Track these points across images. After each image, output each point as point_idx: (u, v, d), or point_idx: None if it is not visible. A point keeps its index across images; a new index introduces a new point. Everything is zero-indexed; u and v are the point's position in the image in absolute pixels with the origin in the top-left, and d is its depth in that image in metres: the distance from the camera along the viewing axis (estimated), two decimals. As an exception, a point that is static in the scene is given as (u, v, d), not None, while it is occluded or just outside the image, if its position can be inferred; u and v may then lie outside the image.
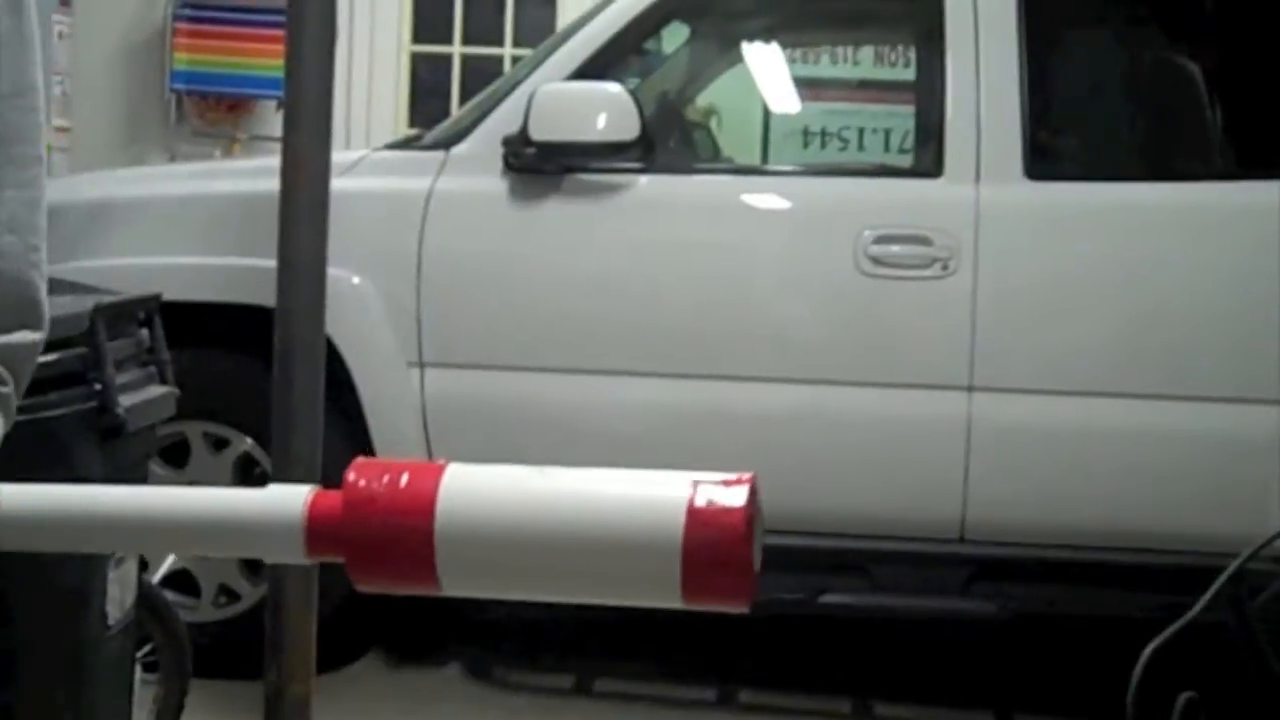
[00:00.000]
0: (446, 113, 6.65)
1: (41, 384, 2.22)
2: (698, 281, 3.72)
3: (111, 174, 4.81)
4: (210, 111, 7.71)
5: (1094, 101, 4.26)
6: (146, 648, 2.86)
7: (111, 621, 2.45)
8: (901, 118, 6.74)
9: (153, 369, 2.63)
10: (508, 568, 1.15)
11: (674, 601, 1.11)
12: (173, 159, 7.49)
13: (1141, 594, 3.58)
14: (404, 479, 1.15)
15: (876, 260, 3.62)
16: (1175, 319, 3.59)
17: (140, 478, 2.61)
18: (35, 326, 1.41)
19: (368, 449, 3.72)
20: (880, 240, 3.63)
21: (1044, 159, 3.75)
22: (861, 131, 7.39)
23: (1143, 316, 3.61)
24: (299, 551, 1.17)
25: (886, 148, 7.19)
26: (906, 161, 5.87)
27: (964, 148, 3.68)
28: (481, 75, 6.78)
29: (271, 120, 7.43)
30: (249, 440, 3.81)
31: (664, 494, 1.12)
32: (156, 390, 2.58)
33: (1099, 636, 4.09)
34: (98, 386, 2.33)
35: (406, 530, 1.13)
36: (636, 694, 3.97)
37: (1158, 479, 3.57)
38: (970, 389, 3.59)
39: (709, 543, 1.10)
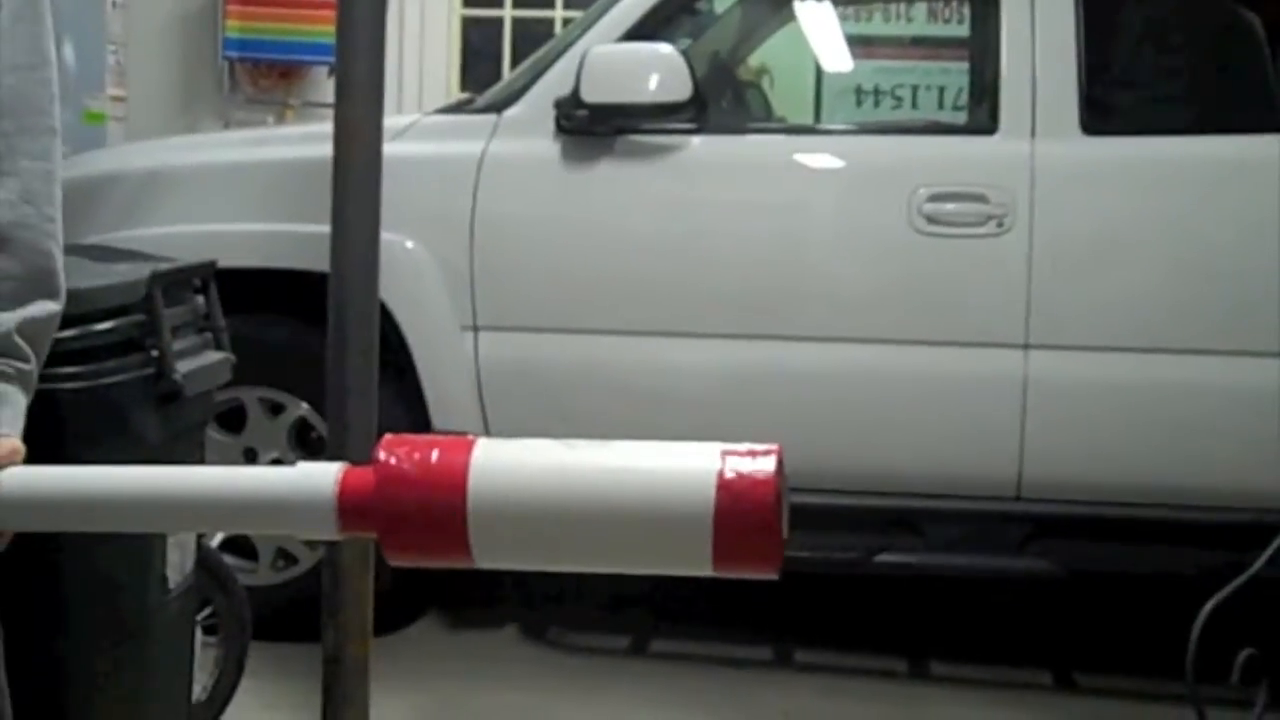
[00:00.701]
0: (498, 76, 6.66)
1: (100, 351, 2.25)
2: (751, 242, 3.70)
3: (166, 142, 4.84)
4: (263, 78, 7.74)
5: (1150, 55, 4.21)
6: (206, 611, 2.89)
7: (171, 585, 2.48)
8: (955, 74, 6.70)
9: (209, 335, 2.65)
10: (540, 540, 1.16)
11: (704, 570, 1.13)
12: (226, 126, 7.53)
13: (1200, 551, 3.56)
14: (434, 455, 1.16)
15: (931, 218, 3.60)
16: (1232, 273, 3.55)
17: (198, 443, 2.63)
18: (53, 297, 1.41)
19: (422, 413, 3.73)
20: (935, 198, 3.60)
21: (1100, 114, 3.70)
22: (915, 89, 7.34)
23: (1199, 271, 3.57)
24: (331, 528, 1.19)
25: (940, 105, 7.15)
26: (960, 118, 5.84)
27: (1019, 103, 3.64)
28: (532, 38, 6.78)
29: (323, 86, 7.46)
30: (304, 405, 3.84)
31: (694, 465, 1.13)
32: (213, 356, 2.60)
33: (1157, 594, 4.07)
34: (155, 353, 2.35)
35: (438, 505, 1.14)
36: (692, 654, 3.98)
37: (1215, 435, 3.54)
38: (1026, 346, 3.57)
39: (740, 512, 1.11)
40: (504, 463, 1.16)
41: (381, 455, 1.17)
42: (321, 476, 1.19)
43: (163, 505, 1.26)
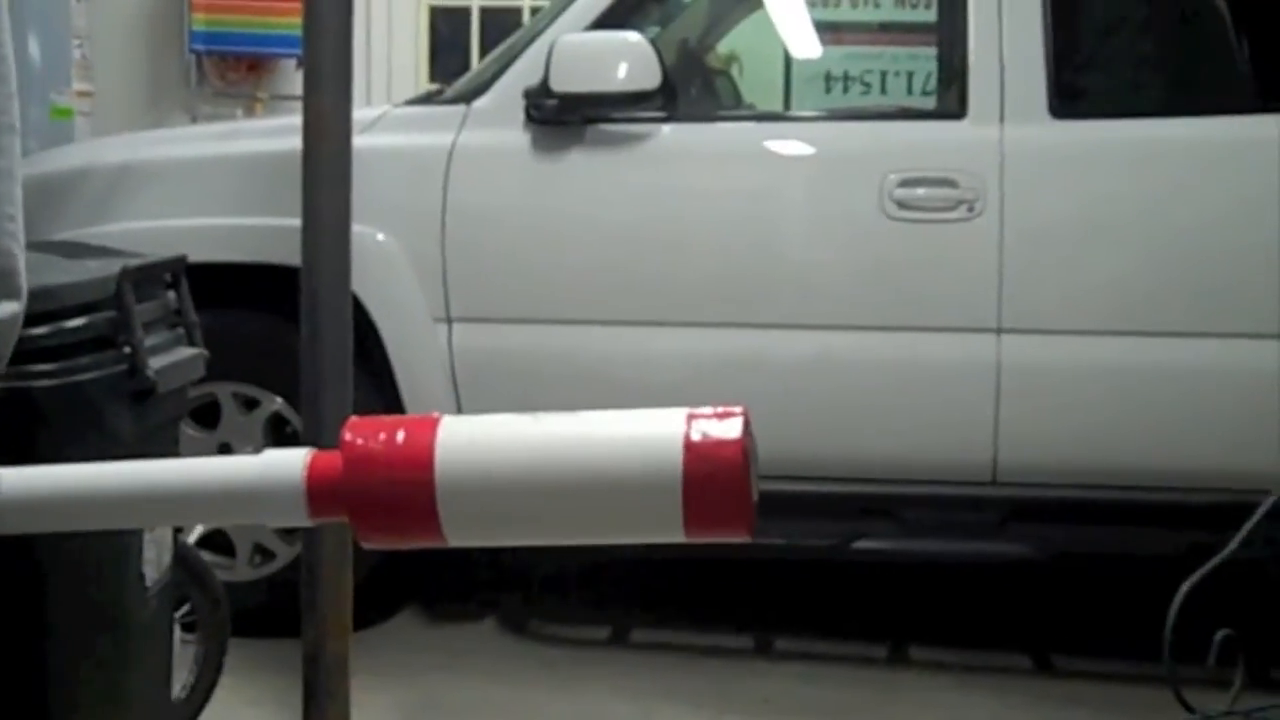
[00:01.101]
0: (466, 67, 6.64)
1: (72, 348, 2.23)
2: (723, 230, 3.71)
3: (134, 137, 4.81)
4: (230, 72, 7.71)
5: (1118, 38, 4.22)
6: (185, 608, 2.88)
7: (149, 582, 2.46)
8: (924, 60, 6.71)
9: (181, 331, 2.64)
10: (511, 515, 1.16)
11: (676, 535, 1.13)
12: (194, 120, 7.50)
13: (1175, 532, 3.58)
14: (400, 434, 1.16)
15: (901, 204, 3.60)
16: (1204, 255, 3.57)
17: (172, 439, 2.62)
18: (14, 297, 1.40)
19: (397, 405, 3.72)
20: (905, 184, 3.61)
21: (1068, 97, 3.71)
22: (884, 75, 7.34)
23: (1171, 254, 3.58)
24: (301, 513, 1.18)
25: (909, 90, 7.15)
26: (930, 104, 5.84)
27: (987, 88, 3.65)
28: (500, 28, 6.76)
29: (292, 79, 7.43)
30: (279, 400, 3.82)
31: (660, 430, 1.13)
32: (186, 352, 2.59)
33: (1134, 576, 4.09)
34: (127, 349, 2.34)
35: (407, 485, 1.14)
36: (672, 644, 3.99)
37: (1189, 417, 3.55)
38: (999, 331, 3.57)
39: (708, 475, 1.11)
40: (470, 438, 1.16)
41: (347, 437, 1.16)
42: (289, 462, 1.19)
43: (130, 500, 1.25)
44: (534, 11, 7.07)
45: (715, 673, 3.80)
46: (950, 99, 3.86)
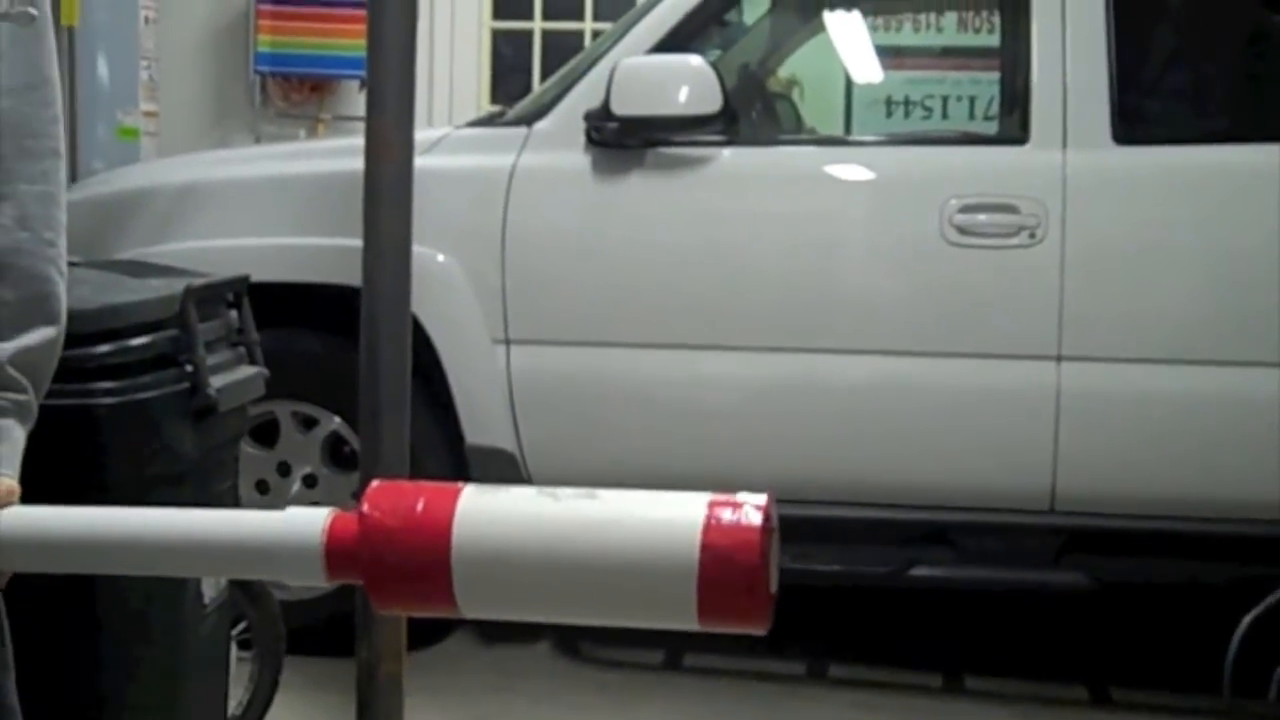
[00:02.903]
0: (528, 89, 6.67)
1: (135, 366, 2.26)
2: (782, 254, 3.70)
3: (198, 157, 4.86)
4: (294, 93, 7.77)
5: (1183, 63, 4.19)
6: (241, 626, 2.89)
7: (207, 600, 2.48)
8: (986, 85, 6.67)
9: (242, 350, 2.66)
10: (524, 591, 1.16)
11: (690, 624, 1.12)
12: (258, 141, 7.56)
13: (1237, 564, 3.54)
14: (420, 504, 1.16)
15: (962, 229, 3.59)
16: (1266, 284, 3.52)
17: (232, 457, 2.64)
18: (52, 322, 1.41)
19: (455, 427, 3.74)
20: (966, 209, 3.59)
21: (1132, 123, 3.69)
22: (945, 100, 7.32)
23: (1233, 282, 3.55)
24: (319, 575, 1.19)
25: (971, 116, 7.12)
26: (991, 129, 5.81)
27: (1050, 113, 3.63)
28: (562, 50, 6.77)
29: (354, 100, 7.48)
30: (337, 419, 3.85)
31: (679, 516, 1.12)
32: (246, 371, 2.61)
33: (1194, 607, 4.04)
34: (189, 368, 2.36)
35: (422, 555, 1.15)
36: (726, 669, 3.97)
37: (1252, 446, 3.51)
38: (1059, 358, 3.55)
39: (724, 565, 1.10)
40: (488, 513, 1.16)
41: (367, 504, 1.17)
42: (309, 523, 1.19)
43: (153, 549, 1.26)
44: (596, 34, 7.10)
45: (768, 698, 3.78)
46: (1012, 124, 3.84)
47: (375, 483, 1.20)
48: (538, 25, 7.78)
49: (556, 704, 3.69)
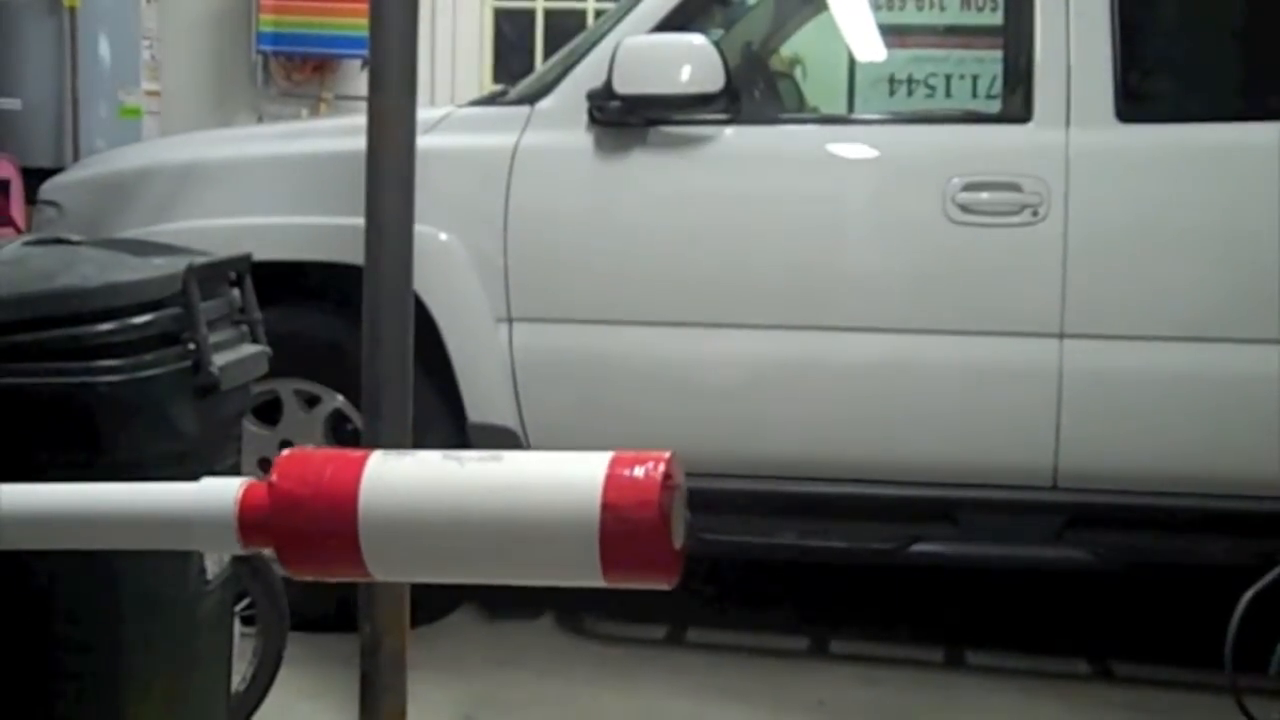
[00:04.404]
0: (530, 68, 6.67)
1: (137, 344, 2.26)
2: (785, 232, 3.70)
3: (200, 136, 4.86)
4: (296, 72, 7.78)
5: (1186, 40, 4.18)
6: (244, 602, 2.90)
7: (210, 576, 2.49)
8: (989, 63, 6.66)
9: (245, 328, 2.66)
10: (431, 554, 1.17)
11: (596, 580, 1.14)
12: (260, 120, 7.56)
13: (1238, 540, 3.54)
14: (327, 471, 1.17)
15: (965, 208, 3.59)
16: (1270, 261, 3.52)
17: (235, 435, 2.65)
18: None
19: (457, 404, 3.75)
20: (969, 188, 3.59)
21: (1135, 101, 3.68)
22: (948, 78, 7.30)
23: (1236, 259, 3.55)
24: (234, 543, 1.20)
25: (974, 94, 7.11)
26: (994, 107, 5.80)
27: (1053, 91, 3.63)
28: (564, 29, 6.77)
29: (357, 79, 7.49)
30: (340, 397, 3.85)
31: (580, 475, 1.14)
32: (249, 349, 2.61)
33: (1195, 583, 4.05)
34: (192, 346, 2.36)
35: (330, 521, 1.16)
36: (728, 644, 3.99)
37: (1253, 424, 3.51)
38: (1061, 335, 3.55)
39: (624, 522, 1.11)
40: (393, 479, 1.17)
41: (276, 473, 1.18)
42: (222, 493, 1.21)
43: (68, 521, 1.27)
44: (598, 13, 7.09)
45: (771, 673, 3.80)
46: (1015, 102, 3.83)
47: (285, 451, 1.21)
48: (540, 4, 7.77)
49: (559, 679, 3.70)
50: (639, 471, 1.13)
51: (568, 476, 1.14)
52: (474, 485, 1.15)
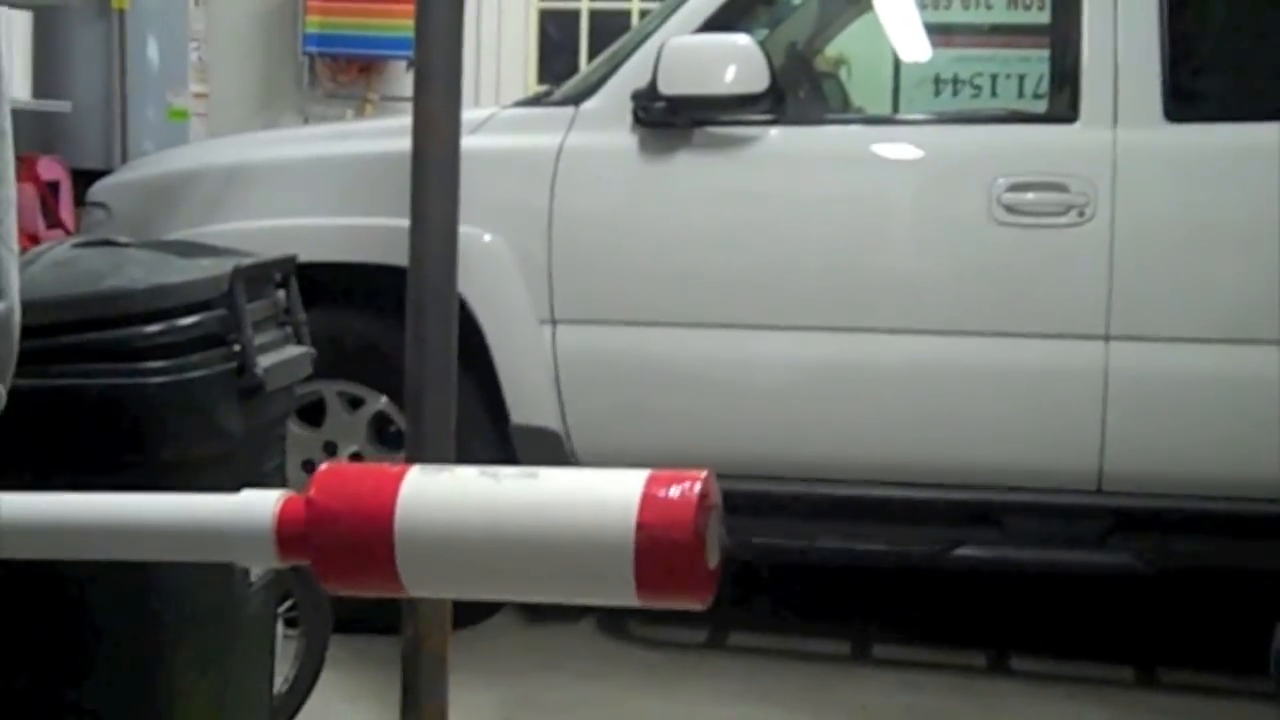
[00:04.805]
0: (575, 68, 6.66)
1: (184, 345, 2.28)
2: (830, 233, 3.69)
3: (246, 137, 4.88)
4: (342, 73, 7.80)
5: (1235, 40, 4.14)
6: (287, 603, 2.92)
7: (253, 578, 2.50)
8: (1035, 62, 6.62)
9: (289, 329, 2.67)
10: (467, 571, 1.18)
11: (630, 600, 1.14)
12: (306, 121, 7.59)
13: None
14: (365, 486, 1.18)
15: (1011, 208, 3.57)
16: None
17: (279, 436, 2.66)
18: (1, 297, 1.40)
19: (500, 407, 3.75)
20: (1014, 188, 3.57)
21: (1183, 101, 3.65)
22: (994, 78, 7.27)
23: (1286, 261, 3.51)
24: (271, 555, 1.21)
25: (1020, 94, 7.07)
26: (1041, 107, 5.76)
27: (1100, 91, 3.60)
28: (609, 30, 6.77)
29: (402, 80, 7.51)
30: (383, 399, 3.87)
31: (616, 494, 1.13)
32: (293, 350, 2.62)
33: (1242, 589, 4.02)
34: (237, 347, 2.38)
35: (367, 536, 1.17)
36: (770, 648, 3.98)
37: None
38: (1108, 338, 3.53)
39: (660, 542, 1.11)
40: (431, 495, 1.18)
41: (315, 487, 1.19)
42: (261, 506, 1.22)
43: (105, 532, 1.28)
44: (643, 14, 7.09)
45: (813, 678, 3.78)
46: (1062, 102, 3.81)
47: (324, 465, 1.22)
48: (585, 4, 7.77)
49: (601, 683, 3.70)
50: (675, 491, 1.12)
51: (603, 495, 1.14)
52: (510, 502, 1.16)
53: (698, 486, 1.12)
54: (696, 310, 3.71)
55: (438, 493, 1.18)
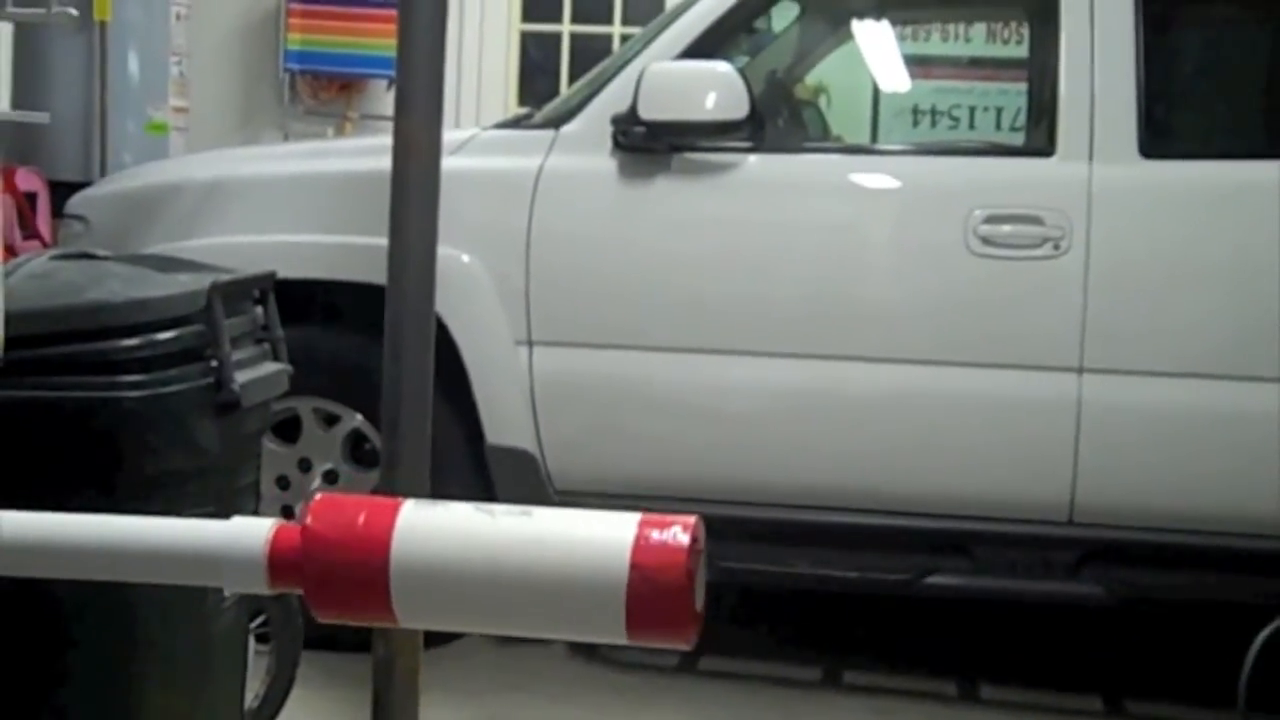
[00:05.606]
0: (556, 91, 6.69)
1: (161, 360, 2.27)
2: (806, 261, 3.71)
3: (226, 153, 4.88)
4: (323, 91, 7.81)
5: (1211, 77, 4.19)
6: (259, 619, 2.91)
7: (226, 593, 2.50)
8: (1013, 95, 6.68)
9: (266, 346, 2.67)
10: (460, 604, 1.20)
11: (619, 638, 1.17)
12: (286, 138, 7.59)
13: (1254, 579, 3.53)
14: (361, 518, 1.19)
15: (987, 240, 3.59)
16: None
17: (255, 453, 2.66)
18: None
19: (476, 427, 3.75)
20: (991, 220, 3.59)
21: (1159, 137, 3.69)
22: (972, 110, 7.32)
23: (1257, 298, 3.54)
24: (261, 582, 1.22)
25: (998, 126, 7.12)
26: (1018, 140, 5.81)
27: (1077, 125, 3.63)
28: (590, 54, 6.80)
29: (383, 99, 7.53)
30: (359, 417, 3.87)
31: (610, 536, 1.16)
32: (270, 367, 2.62)
33: (1210, 621, 4.04)
34: (214, 363, 2.38)
35: (362, 567, 1.18)
36: (741, 673, 3.98)
37: (1272, 463, 3.51)
38: (1081, 370, 3.55)
39: (652, 584, 1.14)
40: (426, 529, 1.19)
41: (310, 516, 1.20)
42: (253, 533, 1.22)
43: (98, 554, 1.28)
44: (624, 38, 7.12)
45: (784, 703, 3.79)
46: (1039, 135, 3.84)
47: (318, 496, 1.23)
48: (566, 27, 7.80)
49: (571, 704, 3.70)
50: (667, 534, 1.15)
51: (597, 536, 1.16)
52: (505, 539, 1.17)
53: (688, 531, 1.15)
54: (672, 335, 3.72)
55: (434, 526, 1.19)
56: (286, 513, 3.90)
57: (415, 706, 2.95)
